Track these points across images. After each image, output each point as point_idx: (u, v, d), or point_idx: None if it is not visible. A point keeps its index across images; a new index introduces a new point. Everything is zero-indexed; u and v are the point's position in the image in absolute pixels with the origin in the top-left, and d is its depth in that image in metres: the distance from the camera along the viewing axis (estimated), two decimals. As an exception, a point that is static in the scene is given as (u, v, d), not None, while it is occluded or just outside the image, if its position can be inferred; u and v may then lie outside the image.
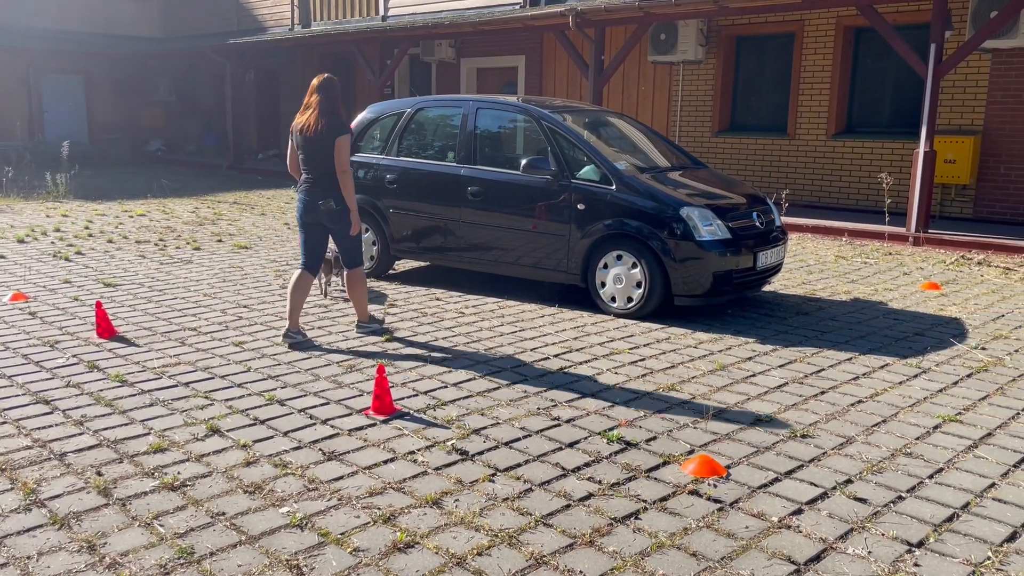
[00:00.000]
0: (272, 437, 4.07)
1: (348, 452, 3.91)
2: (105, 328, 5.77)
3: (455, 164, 7.33)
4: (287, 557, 3.00)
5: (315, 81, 5.54)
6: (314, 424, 4.25)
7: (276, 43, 18.44)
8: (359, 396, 4.66)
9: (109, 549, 3.04)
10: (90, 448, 3.92)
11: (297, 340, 5.64)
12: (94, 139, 22.86)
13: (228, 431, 4.14)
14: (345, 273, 5.84)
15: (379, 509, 3.36)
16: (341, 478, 3.63)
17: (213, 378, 4.94)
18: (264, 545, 3.08)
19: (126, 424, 4.21)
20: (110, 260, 8.66)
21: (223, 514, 3.30)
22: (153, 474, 3.65)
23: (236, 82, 19.97)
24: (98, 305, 5.81)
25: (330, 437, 4.08)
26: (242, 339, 5.76)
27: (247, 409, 4.44)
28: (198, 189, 15.84)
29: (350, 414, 4.39)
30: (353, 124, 8.16)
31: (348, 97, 19.85)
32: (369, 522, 3.26)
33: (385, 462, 3.80)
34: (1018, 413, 4.51)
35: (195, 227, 11.07)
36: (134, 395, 4.63)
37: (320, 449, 3.94)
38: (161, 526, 3.21)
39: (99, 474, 3.64)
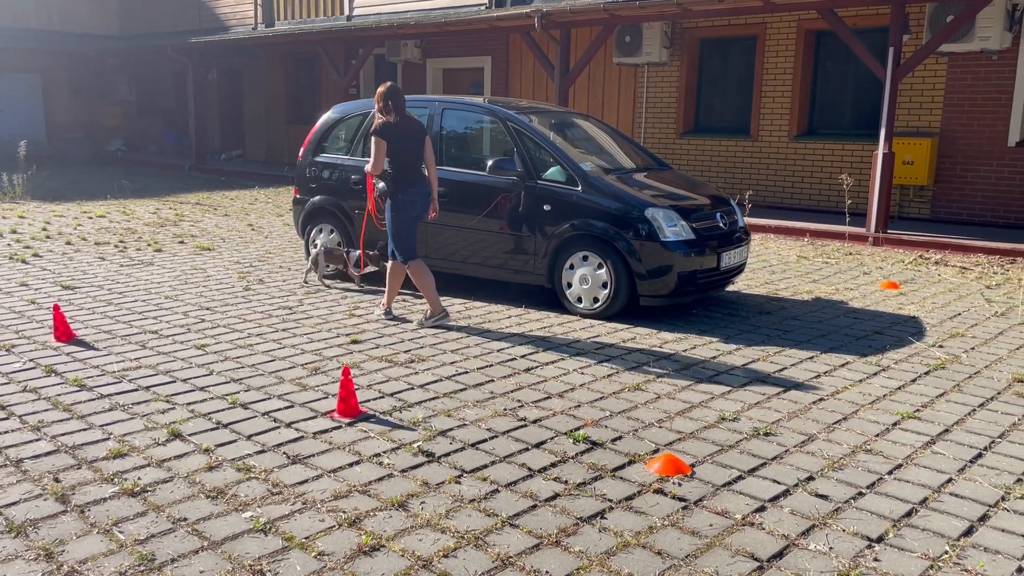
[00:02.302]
0: (235, 441, 4.02)
1: (313, 455, 3.87)
2: (63, 331, 5.65)
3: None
4: (250, 562, 2.96)
5: (382, 89, 6.01)
6: (278, 427, 4.21)
7: (238, 42, 18.23)
8: (324, 399, 4.63)
9: (67, 557, 2.98)
10: (47, 454, 3.83)
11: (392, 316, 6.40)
12: (52, 139, 22.41)
13: (190, 435, 4.08)
14: (410, 265, 6.19)
15: (344, 512, 3.33)
16: (306, 482, 3.60)
17: (175, 382, 4.86)
18: (227, 551, 3.04)
19: (84, 429, 4.13)
20: (68, 262, 8.49)
21: (185, 520, 3.25)
22: (112, 480, 3.58)
23: (198, 81, 19.71)
24: (56, 308, 5.69)
25: (294, 440, 4.04)
26: (204, 342, 5.68)
27: (209, 413, 4.38)
28: (159, 190, 15.60)
29: (315, 417, 4.35)
30: (317, 125, 8.11)
31: (313, 97, 19.71)
32: (334, 526, 3.23)
33: (350, 465, 3.78)
34: (974, 409, 4.61)
35: (156, 228, 10.90)
36: (93, 399, 4.54)
37: (284, 452, 3.90)
38: (121, 533, 3.15)
39: (57, 480, 3.57)
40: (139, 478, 3.60)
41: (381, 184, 6.10)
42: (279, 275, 8.03)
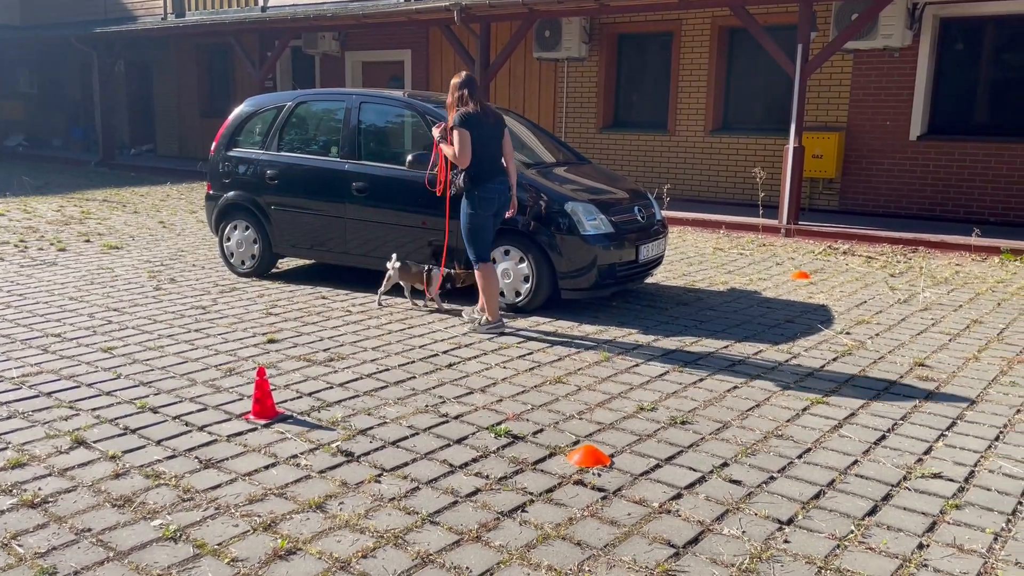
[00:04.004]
0: (144, 447, 3.88)
1: (226, 459, 3.76)
2: (-44, 337, 5.35)
3: (339, 159, 7.18)
4: (159, 572, 2.86)
5: (456, 79, 5.72)
6: (190, 431, 4.07)
7: (147, 33, 17.58)
8: (239, 400, 4.50)
9: (-41, 575, 2.82)
10: (-62, 467, 3.62)
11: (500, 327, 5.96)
12: (-55, 133, 21.17)
13: (95, 442, 3.91)
14: (480, 267, 5.89)
15: (259, 516, 3.25)
16: (219, 486, 3.49)
17: (79, 387, 4.66)
18: (134, 561, 2.93)
19: (-20, 439, 3.91)
20: (-37, 263, 8.05)
21: (89, 530, 3.12)
22: (11, 491, 3.40)
23: (104, 73, 18.92)
24: (-52, 312, 5.39)
25: (207, 444, 3.92)
26: (112, 344, 5.46)
27: (116, 418, 4.20)
28: (64, 186, 14.93)
29: (229, 419, 4.23)
30: (229, 118, 7.88)
31: (227, 90, 19.17)
32: (248, 530, 3.14)
33: (266, 467, 3.69)
34: (879, 393, 4.80)
35: (60, 227, 10.42)
36: (-11, 408, 4.31)
37: (196, 457, 3.77)
38: (20, 546, 3.00)
39: (-52, 495, 3.37)
40: (40, 488, 3.44)
41: (459, 179, 5.74)
42: (192, 274, 7.78)
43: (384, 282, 6.65)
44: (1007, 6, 10.37)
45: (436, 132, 5.89)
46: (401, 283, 6.63)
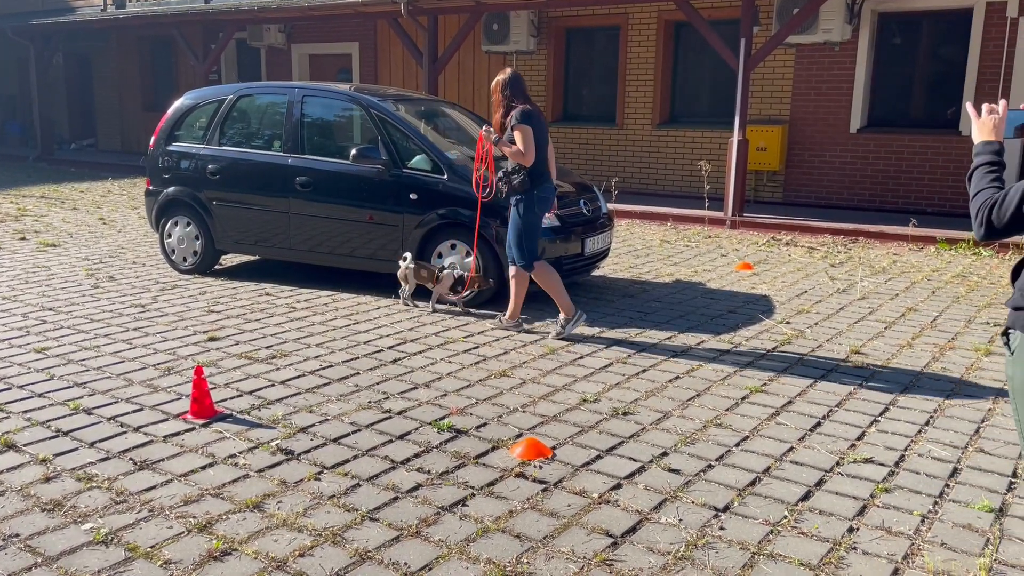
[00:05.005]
0: (76, 449, 3.78)
1: (162, 460, 3.69)
2: None
3: (282, 154, 7.08)
4: (89, 577, 2.80)
5: (502, 76, 5.55)
6: (125, 432, 3.99)
7: (86, 24, 17.10)
8: (177, 400, 4.42)
9: None
10: None
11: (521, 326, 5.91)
12: None
13: (25, 445, 3.81)
14: (536, 267, 5.74)
15: (194, 518, 3.19)
16: (153, 488, 3.43)
17: (9, 388, 4.52)
18: (63, 566, 2.86)
19: (-98, 445, 3.78)
20: None
21: (17, 536, 3.04)
22: (-66, 499, 3.30)
23: (42, 66, 18.37)
24: None
25: (142, 445, 3.84)
26: (45, 345, 5.31)
27: (48, 420, 4.10)
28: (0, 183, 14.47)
29: (166, 419, 4.15)
30: (169, 112, 7.72)
31: (170, 83, 18.76)
32: (183, 532, 3.09)
33: (203, 468, 3.63)
34: (815, 381, 4.91)
35: (-5, 224, 10.11)
36: (-87, 413, 4.17)
37: (131, 458, 3.70)
38: (-58, 556, 2.91)
39: None
40: (-35, 495, 3.34)
41: (517, 178, 5.46)
42: (132, 271, 7.61)
43: (404, 283, 6.39)
44: (942, 1, 10.65)
45: (493, 133, 5.61)
46: (402, 281, 6.41)
